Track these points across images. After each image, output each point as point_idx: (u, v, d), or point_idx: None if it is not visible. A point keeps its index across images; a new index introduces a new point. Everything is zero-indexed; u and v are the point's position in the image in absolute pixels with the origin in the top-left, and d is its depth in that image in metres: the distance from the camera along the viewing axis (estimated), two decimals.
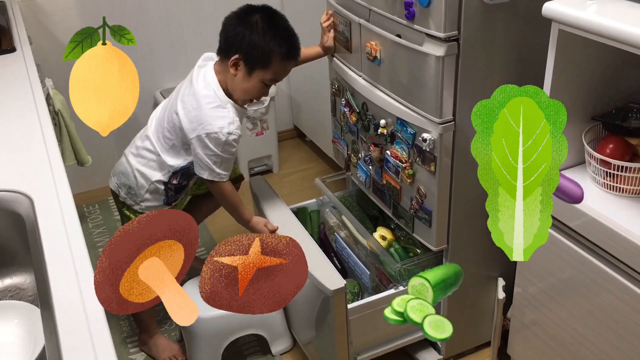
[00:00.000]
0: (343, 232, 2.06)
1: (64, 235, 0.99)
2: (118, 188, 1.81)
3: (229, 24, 1.67)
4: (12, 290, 1.19)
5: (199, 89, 1.65)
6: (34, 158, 1.26)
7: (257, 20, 1.62)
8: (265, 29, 1.62)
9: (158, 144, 1.73)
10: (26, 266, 1.20)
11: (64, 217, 1.04)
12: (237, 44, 1.62)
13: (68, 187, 1.13)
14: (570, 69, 1.38)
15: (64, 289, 0.90)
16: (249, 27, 1.61)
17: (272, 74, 1.67)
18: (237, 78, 1.65)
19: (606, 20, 1.20)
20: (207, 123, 1.61)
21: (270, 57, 1.63)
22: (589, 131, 1.48)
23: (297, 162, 3.10)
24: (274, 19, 1.66)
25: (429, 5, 1.40)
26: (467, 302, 1.85)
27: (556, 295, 1.54)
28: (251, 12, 1.65)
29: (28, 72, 1.68)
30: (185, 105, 1.66)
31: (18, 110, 1.48)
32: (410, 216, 1.72)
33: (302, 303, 1.86)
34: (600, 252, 1.37)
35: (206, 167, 1.66)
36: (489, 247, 1.78)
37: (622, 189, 1.40)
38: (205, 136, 1.62)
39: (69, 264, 0.93)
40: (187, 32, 2.85)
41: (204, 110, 1.62)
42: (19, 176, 1.19)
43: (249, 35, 1.60)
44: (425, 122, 1.54)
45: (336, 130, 2.07)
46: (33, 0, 2.51)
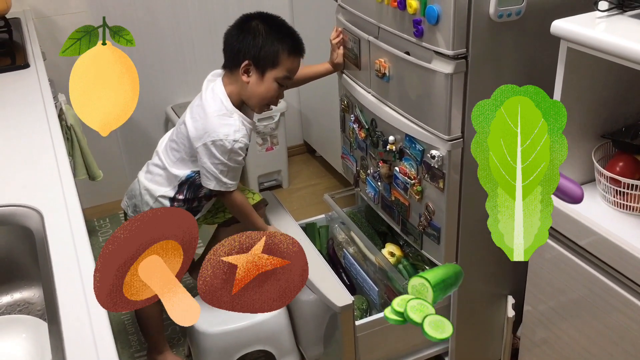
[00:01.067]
0: (352, 248, 2.05)
1: (73, 250, 1.00)
2: (127, 207, 1.83)
3: (231, 36, 1.70)
4: (22, 304, 1.19)
5: (206, 99, 1.68)
6: (44, 173, 1.27)
7: (256, 25, 1.66)
8: (267, 30, 1.65)
9: (166, 158, 1.74)
10: (35, 281, 1.21)
11: (72, 232, 1.05)
12: (243, 50, 1.64)
13: (78, 202, 1.14)
14: (580, 87, 1.38)
15: (71, 304, 0.91)
16: (251, 33, 1.64)
17: (284, 71, 1.68)
18: (251, 84, 1.66)
19: (615, 39, 1.20)
20: (213, 131, 1.63)
21: (278, 54, 1.65)
22: (599, 149, 1.47)
23: (306, 178, 3.10)
24: (272, 20, 1.69)
25: (438, 23, 1.41)
26: (476, 320, 1.84)
27: (566, 313, 1.52)
28: (248, 19, 1.69)
29: (41, 88, 1.71)
30: (193, 116, 1.68)
31: (30, 126, 1.50)
32: (419, 233, 1.72)
33: (310, 319, 1.85)
34: (610, 271, 1.35)
35: (213, 176, 1.66)
36: (498, 265, 1.78)
37: (633, 207, 1.39)
38: (211, 144, 1.63)
39: (76, 279, 0.94)
40: (198, 48, 2.88)
41: (210, 118, 1.64)
42: (29, 191, 1.21)
43: (253, 40, 1.63)
44: (434, 139, 1.54)
45: (345, 146, 2.08)
46: (48, 17, 2.55)
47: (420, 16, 1.45)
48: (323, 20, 2.63)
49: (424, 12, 1.44)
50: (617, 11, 1.31)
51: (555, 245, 1.47)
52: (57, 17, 2.56)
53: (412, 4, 1.46)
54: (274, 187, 3.02)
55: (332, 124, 2.77)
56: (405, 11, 1.50)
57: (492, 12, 1.38)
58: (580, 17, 1.31)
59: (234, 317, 1.90)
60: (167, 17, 2.76)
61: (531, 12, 1.42)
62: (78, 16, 2.58)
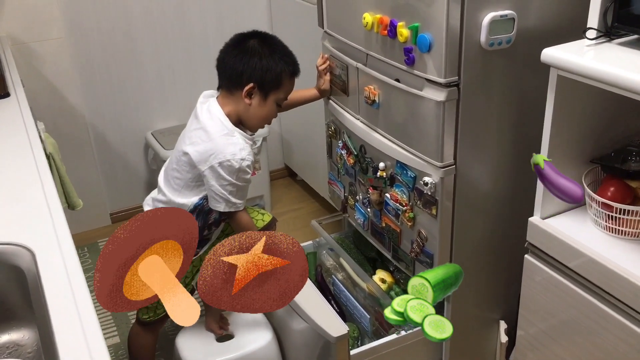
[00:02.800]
0: (340, 274, 2.03)
1: (69, 292, 0.96)
2: None
3: (229, 56, 1.65)
4: (11, 347, 1.14)
5: (205, 121, 1.63)
6: (32, 208, 1.23)
7: (258, 46, 1.62)
8: (269, 51, 1.62)
9: (168, 189, 1.69)
10: (25, 322, 1.16)
11: (68, 272, 1.01)
12: (248, 72, 1.60)
13: (71, 240, 1.10)
14: (569, 113, 1.40)
15: (72, 350, 0.87)
16: (254, 54, 1.61)
17: (284, 92, 1.67)
18: (253, 106, 1.64)
19: (604, 66, 1.22)
20: (219, 152, 1.58)
21: (282, 77, 1.63)
22: (588, 174, 1.49)
23: (289, 202, 3.08)
24: (270, 40, 1.66)
25: (429, 51, 1.42)
26: (469, 345, 1.83)
27: (557, 336, 1.53)
28: (245, 39, 1.65)
29: (23, 118, 1.66)
30: (194, 140, 1.63)
31: (14, 157, 1.45)
32: (411, 259, 1.71)
33: (301, 347, 1.82)
34: (601, 293, 1.36)
35: (222, 198, 1.61)
36: (490, 290, 1.78)
37: (624, 231, 1.40)
38: (218, 165, 1.58)
39: (75, 323, 0.90)
40: (177, 73, 2.86)
41: (213, 140, 1.59)
42: (18, 227, 1.16)
43: (258, 62, 1.60)
44: (426, 166, 1.55)
45: (332, 172, 2.07)
46: (25, 44, 2.50)
47: (412, 44, 1.46)
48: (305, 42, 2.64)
49: (415, 40, 1.44)
50: (604, 39, 1.33)
51: (546, 268, 1.48)
52: (34, 43, 2.51)
53: (403, 33, 1.47)
54: None
55: (314, 147, 2.76)
56: (395, 39, 1.51)
57: (483, 41, 1.40)
58: (570, 45, 1.33)
59: (223, 348, 1.86)
60: (147, 43, 2.74)
61: (521, 40, 1.44)
62: (56, 43, 2.54)
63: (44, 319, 0.96)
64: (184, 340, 1.90)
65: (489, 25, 1.38)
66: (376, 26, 1.57)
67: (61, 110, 2.66)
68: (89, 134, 2.75)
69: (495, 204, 1.65)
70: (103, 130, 2.79)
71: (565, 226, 1.46)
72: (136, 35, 2.70)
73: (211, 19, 2.84)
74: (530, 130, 1.55)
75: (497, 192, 1.64)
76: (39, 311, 0.99)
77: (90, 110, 2.73)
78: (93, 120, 2.75)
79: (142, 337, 1.87)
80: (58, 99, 2.64)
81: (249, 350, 1.85)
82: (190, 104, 2.92)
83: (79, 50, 2.62)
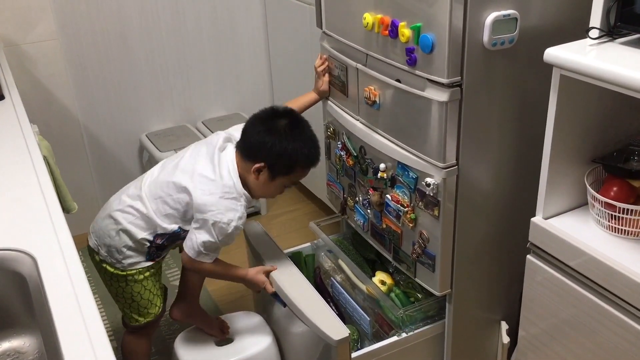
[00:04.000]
0: (339, 276, 2.02)
1: (74, 299, 0.94)
2: (98, 246, 1.72)
3: (253, 127, 1.63)
4: (11, 354, 1.12)
5: (221, 173, 1.60)
6: (32, 213, 1.21)
7: (283, 128, 1.60)
8: (292, 137, 1.60)
9: (152, 206, 1.65)
10: (26, 328, 1.14)
11: (71, 279, 0.99)
12: (263, 151, 1.59)
13: (73, 245, 1.09)
14: (572, 112, 1.40)
15: (77, 354, 0.85)
16: (276, 135, 1.59)
17: (294, 178, 1.67)
18: (260, 182, 1.63)
19: (607, 66, 1.22)
20: (219, 212, 1.57)
21: (295, 165, 1.63)
22: (590, 173, 1.49)
23: (284, 204, 3.07)
24: (299, 126, 1.63)
25: (432, 51, 1.41)
26: (471, 347, 1.83)
27: (559, 336, 1.52)
28: (276, 117, 1.63)
29: (19, 121, 1.64)
30: (201, 187, 1.60)
31: (12, 161, 1.43)
32: (412, 261, 1.70)
33: (301, 351, 1.81)
34: (601, 291, 1.36)
35: (197, 248, 1.60)
36: (492, 290, 1.78)
37: (627, 231, 1.40)
38: (212, 224, 1.57)
39: (81, 331, 0.88)
40: (172, 75, 2.83)
41: (219, 199, 1.58)
42: (18, 232, 1.14)
43: (276, 145, 1.58)
44: (428, 167, 1.54)
45: (331, 174, 2.06)
46: (17, 45, 2.47)
47: (414, 45, 1.45)
48: (300, 43, 2.63)
49: (417, 40, 1.43)
50: (607, 39, 1.33)
51: (548, 269, 1.47)
52: (27, 45, 2.48)
53: (405, 33, 1.46)
54: (252, 214, 2.97)
55: None
56: (397, 39, 1.50)
57: (486, 41, 1.39)
58: (572, 44, 1.33)
59: (222, 352, 1.85)
60: (141, 44, 2.71)
61: (523, 40, 1.44)
62: (49, 44, 2.51)
63: (47, 326, 0.94)
64: (183, 344, 1.88)
65: (491, 25, 1.37)
66: (377, 26, 1.56)
67: (54, 112, 2.63)
68: (82, 136, 2.73)
69: (497, 205, 1.65)
70: (97, 132, 2.76)
71: (568, 226, 1.46)
72: (130, 36, 2.67)
73: (206, 20, 2.82)
74: (533, 130, 1.55)
75: (499, 193, 1.63)
76: (41, 318, 0.97)
77: (84, 112, 2.70)
78: (87, 122, 2.72)
79: (135, 344, 1.85)
80: (51, 101, 2.61)
81: (249, 354, 1.83)
82: (185, 105, 2.93)
83: (72, 52, 2.59)
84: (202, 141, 1.74)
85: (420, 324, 1.78)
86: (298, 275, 1.80)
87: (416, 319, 1.77)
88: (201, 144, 1.72)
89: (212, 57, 2.90)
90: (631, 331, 1.31)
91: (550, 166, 1.43)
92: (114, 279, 1.72)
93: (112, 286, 1.74)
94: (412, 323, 1.76)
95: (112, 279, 1.73)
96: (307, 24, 2.50)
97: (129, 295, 1.73)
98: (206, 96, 2.96)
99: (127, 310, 1.76)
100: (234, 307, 2.33)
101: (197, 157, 1.66)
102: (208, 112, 2.99)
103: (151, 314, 1.78)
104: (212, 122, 2.92)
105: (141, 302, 1.74)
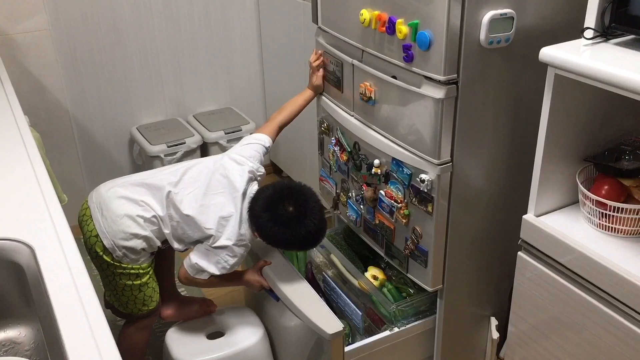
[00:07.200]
0: (331, 271, 2.03)
1: (74, 289, 0.94)
2: (114, 248, 1.68)
3: (257, 202, 1.69)
4: (7, 344, 1.11)
5: (237, 224, 1.67)
6: (29, 203, 1.20)
7: (285, 210, 1.65)
8: (293, 225, 1.65)
9: (172, 231, 1.72)
10: (22, 318, 1.13)
11: (70, 269, 0.99)
12: (258, 227, 1.67)
13: (71, 235, 1.08)
14: (565, 111, 1.42)
15: (79, 343, 0.85)
16: (277, 221, 1.65)
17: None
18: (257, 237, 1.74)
19: (601, 66, 1.24)
20: (228, 255, 1.68)
21: (286, 247, 1.78)
22: (581, 172, 1.51)
23: None
24: (304, 208, 1.67)
25: (429, 49, 1.42)
26: (461, 342, 1.84)
27: (548, 332, 1.55)
28: (283, 198, 1.67)
29: (13, 112, 1.62)
30: (223, 233, 1.67)
31: (7, 152, 1.42)
32: (404, 256, 1.71)
33: (293, 344, 1.81)
34: (592, 288, 1.38)
35: (197, 267, 1.70)
36: (482, 287, 1.79)
37: (617, 229, 1.42)
38: (217, 262, 1.68)
39: (82, 322, 0.88)
40: (163, 68, 2.82)
41: (233, 245, 1.67)
42: (15, 222, 1.13)
43: (272, 228, 1.65)
44: (423, 163, 1.55)
45: (324, 169, 2.06)
46: (7, 35, 2.44)
47: (411, 41, 1.46)
48: (293, 38, 2.63)
49: (414, 37, 1.44)
50: (601, 39, 1.35)
51: (539, 265, 1.49)
52: (17, 35, 2.45)
53: (402, 30, 1.46)
54: None
55: (301, 144, 2.75)
56: (394, 36, 1.51)
57: (482, 39, 1.40)
58: (567, 44, 1.35)
59: (213, 346, 1.85)
60: (133, 37, 2.70)
61: (519, 39, 1.45)
62: (40, 34, 2.49)
63: (46, 316, 0.94)
64: (174, 338, 1.88)
65: (488, 24, 1.38)
66: (374, 22, 1.57)
67: (44, 103, 2.61)
68: (72, 128, 2.71)
69: (490, 201, 1.66)
70: (87, 124, 2.74)
71: (559, 224, 1.48)
72: (122, 28, 2.66)
73: (198, 14, 2.81)
74: (526, 129, 1.57)
75: (492, 190, 1.65)
76: (40, 308, 0.97)
77: (74, 104, 2.68)
78: (77, 114, 2.70)
79: (136, 336, 1.85)
80: (41, 92, 2.59)
81: (240, 348, 1.83)
82: (177, 99, 2.92)
83: (63, 43, 2.57)
84: (227, 179, 1.74)
85: (412, 319, 1.79)
86: (291, 269, 1.81)
87: (408, 314, 1.78)
88: (225, 183, 1.73)
89: (204, 51, 2.89)
90: (620, 327, 1.33)
91: (543, 164, 1.45)
92: (123, 276, 1.71)
93: (119, 283, 1.72)
94: (404, 318, 1.77)
95: (122, 277, 1.71)
96: (300, 19, 2.51)
97: (136, 288, 1.73)
98: (198, 90, 2.95)
99: (132, 304, 1.75)
100: (225, 301, 2.33)
101: (225, 200, 1.70)
102: (199, 106, 2.98)
103: (154, 301, 1.78)
104: (203, 116, 2.92)
105: (147, 292, 1.75)
